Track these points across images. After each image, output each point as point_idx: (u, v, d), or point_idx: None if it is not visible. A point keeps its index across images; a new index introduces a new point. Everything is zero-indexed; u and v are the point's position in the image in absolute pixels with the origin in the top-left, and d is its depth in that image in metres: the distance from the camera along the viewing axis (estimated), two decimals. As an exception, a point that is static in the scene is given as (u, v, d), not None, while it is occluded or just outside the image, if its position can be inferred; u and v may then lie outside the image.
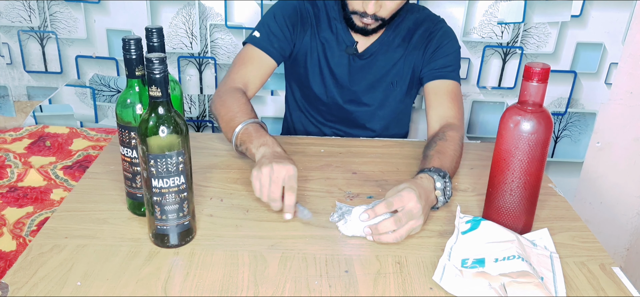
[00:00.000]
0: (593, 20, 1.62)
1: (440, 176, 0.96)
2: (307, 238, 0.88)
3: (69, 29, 1.65)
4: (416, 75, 1.29)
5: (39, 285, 0.75)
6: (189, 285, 0.76)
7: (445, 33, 1.27)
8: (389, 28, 1.27)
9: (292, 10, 1.26)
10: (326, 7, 1.29)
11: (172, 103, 0.79)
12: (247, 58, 1.23)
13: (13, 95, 1.74)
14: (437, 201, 0.95)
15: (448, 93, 1.21)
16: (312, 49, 1.29)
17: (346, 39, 1.28)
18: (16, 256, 1.20)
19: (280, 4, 1.28)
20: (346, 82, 1.31)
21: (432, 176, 0.95)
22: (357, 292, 0.76)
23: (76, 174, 1.48)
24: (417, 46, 1.27)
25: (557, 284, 0.78)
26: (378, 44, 1.28)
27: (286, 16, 1.25)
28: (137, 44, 0.83)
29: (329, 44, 1.29)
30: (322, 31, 1.28)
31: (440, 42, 1.25)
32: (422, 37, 1.27)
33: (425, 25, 1.28)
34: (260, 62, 1.23)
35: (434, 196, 0.94)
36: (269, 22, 1.24)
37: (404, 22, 1.28)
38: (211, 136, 1.28)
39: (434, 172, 0.96)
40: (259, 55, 1.23)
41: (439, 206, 0.96)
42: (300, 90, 1.39)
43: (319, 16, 1.28)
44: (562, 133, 1.79)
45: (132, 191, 0.91)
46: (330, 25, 1.28)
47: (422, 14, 1.30)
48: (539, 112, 0.82)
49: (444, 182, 0.95)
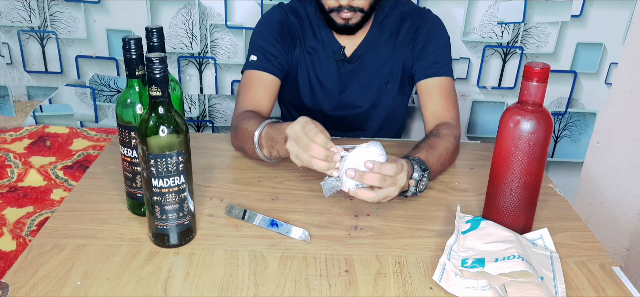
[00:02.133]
0: (593, 20, 1.62)
1: (421, 169, 0.97)
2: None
3: (69, 29, 1.65)
4: (407, 71, 1.28)
5: (39, 285, 0.75)
6: (189, 285, 0.76)
7: (432, 25, 1.25)
8: (373, 27, 1.26)
9: (278, 26, 1.24)
10: (309, 17, 1.27)
11: (172, 103, 0.79)
12: (250, 83, 1.21)
13: (13, 95, 1.74)
14: (408, 190, 0.96)
15: (441, 91, 1.21)
16: (301, 60, 1.28)
17: (333, 46, 1.26)
18: (16, 255, 1.20)
19: (263, 22, 1.27)
20: (337, 89, 1.30)
21: (413, 165, 0.96)
22: (357, 292, 0.76)
23: (76, 174, 1.48)
24: (405, 42, 1.26)
25: (557, 284, 0.78)
26: (365, 45, 1.26)
27: (274, 32, 1.23)
28: (137, 43, 0.83)
29: (317, 54, 1.27)
30: (308, 41, 1.27)
31: (428, 37, 1.24)
32: (409, 33, 1.25)
33: (410, 20, 1.26)
34: (263, 83, 1.21)
35: (407, 182, 0.94)
36: (260, 43, 1.23)
37: (388, 18, 1.26)
38: (211, 136, 1.28)
39: (417, 163, 0.97)
40: (260, 77, 1.21)
41: (408, 194, 0.98)
42: (293, 107, 1.38)
43: (303, 26, 1.27)
44: (562, 133, 1.79)
45: (132, 191, 0.91)
46: (315, 34, 1.26)
47: (406, 7, 1.28)
48: (539, 112, 0.82)
49: (421, 175, 0.97)
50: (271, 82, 1.22)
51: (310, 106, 1.33)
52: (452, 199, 1.02)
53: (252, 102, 1.18)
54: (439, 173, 1.08)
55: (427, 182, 0.98)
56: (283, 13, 1.26)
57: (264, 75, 1.21)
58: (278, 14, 1.26)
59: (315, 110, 1.33)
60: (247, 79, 1.22)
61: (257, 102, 1.19)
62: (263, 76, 1.21)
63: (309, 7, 1.27)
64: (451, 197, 1.03)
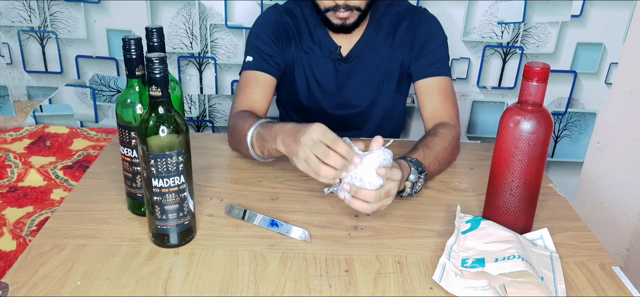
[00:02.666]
0: (593, 20, 1.62)
1: (417, 170, 0.97)
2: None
3: (69, 29, 1.65)
4: (405, 71, 1.28)
5: (39, 285, 0.75)
6: (189, 285, 0.76)
7: (430, 25, 1.25)
8: (369, 26, 1.26)
9: (273, 26, 1.25)
10: (305, 17, 1.27)
11: (172, 103, 0.79)
12: (246, 83, 1.22)
13: (13, 95, 1.74)
14: (404, 190, 0.97)
15: (440, 90, 1.21)
16: (297, 60, 1.28)
17: (329, 45, 1.26)
18: (16, 255, 1.20)
19: (259, 23, 1.27)
20: (335, 89, 1.30)
21: (410, 166, 0.97)
22: (357, 292, 0.76)
23: (76, 174, 1.48)
24: (402, 42, 1.26)
25: (557, 284, 0.78)
26: (362, 44, 1.26)
27: (269, 32, 1.24)
28: (137, 43, 0.83)
29: (313, 53, 1.27)
30: (304, 42, 1.27)
31: (427, 37, 1.24)
32: (406, 32, 1.25)
33: (408, 19, 1.26)
34: (259, 83, 1.21)
35: (403, 183, 0.95)
36: (256, 43, 1.24)
37: (385, 17, 1.26)
38: (211, 136, 1.28)
39: (414, 164, 0.97)
40: (256, 77, 1.22)
41: (403, 195, 0.98)
42: (291, 107, 1.39)
43: (299, 27, 1.27)
44: (562, 133, 1.79)
45: (132, 191, 0.91)
46: (312, 34, 1.27)
47: (402, 6, 1.28)
48: (539, 112, 0.82)
49: (418, 177, 0.97)
50: (267, 81, 1.22)
51: (308, 106, 1.33)
52: (452, 199, 1.02)
53: (247, 103, 1.19)
54: (437, 173, 1.08)
55: (423, 183, 0.99)
56: (278, 13, 1.27)
57: (260, 75, 1.22)
58: (273, 15, 1.27)
59: (313, 110, 1.33)
60: (243, 80, 1.23)
61: (252, 102, 1.19)
62: (259, 76, 1.22)
63: (305, 8, 1.27)
64: (451, 197, 1.03)
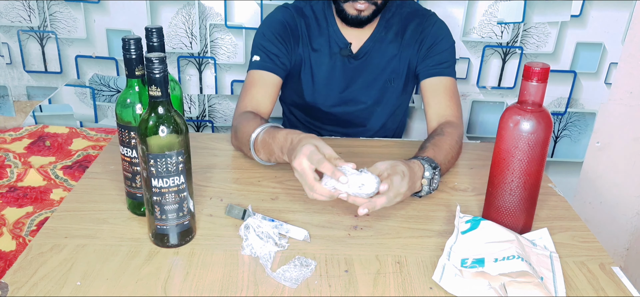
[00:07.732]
0: (593, 20, 1.62)
1: (431, 166, 0.97)
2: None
3: (69, 29, 1.65)
4: (412, 71, 1.30)
5: (39, 285, 0.75)
6: (188, 285, 0.76)
7: (439, 28, 1.27)
8: (379, 24, 1.27)
9: (280, 26, 1.25)
10: (315, 14, 1.28)
11: (172, 103, 0.79)
12: (252, 83, 1.22)
13: (13, 95, 1.74)
14: (421, 189, 0.97)
15: (445, 90, 1.22)
16: (305, 59, 1.29)
17: (340, 41, 1.27)
18: (16, 255, 1.20)
19: (266, 22, 1.28)
20: (342, 85, 1.31)
21: (423, 164, 0.97)
22: (357, 292, 0.76)
23: (76, 174, 1.48)
24: (411, 42, 1.27)
25: (557, 284, 0.78)
26: (371, 41, 1.27)
27: (276, 33, 1.24)
28: (137, 43, 0.83)
29: (323, 50, 1.28)
30: (314, 39, 1.28)
31: (435, 39, 1.25)
32: (415, 33, 1.27)
33: (417, 20, 1.27)
34: (265, 83, 1.22)
35: (419, 183, 0.95)
36: (263, 43, 1.24)
37: (394, 17, 1.28)
38: (211, 136, 1.28)
39: (426, 162, 0.98)
40: (262, 76, 1.22)
41: (422, 194, 0.98)
42: (295, 105, 1.39)
43: (309, 25, 1.27)
44: (562, 133, 1.79)
45: (132, 191, 0.91)
46: (322, 31, 1.27)
47: (411, 7, 1.29)
48: (539, 112, 0.82)
49: (433, 173, 0.97)
50: (273, 81, 1.23)
51: (312, 103, 1.34)
52: (452, 199, 1.02)
53: (252, 103, 1.19)
54: (446, 171, 1.09)
55: (439, 179, 0.99)
56: (286, 13, 1.27)
57: (266, 74, 1.22)
58: (280, 15, 1.27)
59: (317, 107, 1.34)
60: (249, 79, 1.23)
61: (257, 103, 1.19)
62: (265, 76, 1.22)
63: (316, 6, 1.28)
64: (451, 197, 1.03)
